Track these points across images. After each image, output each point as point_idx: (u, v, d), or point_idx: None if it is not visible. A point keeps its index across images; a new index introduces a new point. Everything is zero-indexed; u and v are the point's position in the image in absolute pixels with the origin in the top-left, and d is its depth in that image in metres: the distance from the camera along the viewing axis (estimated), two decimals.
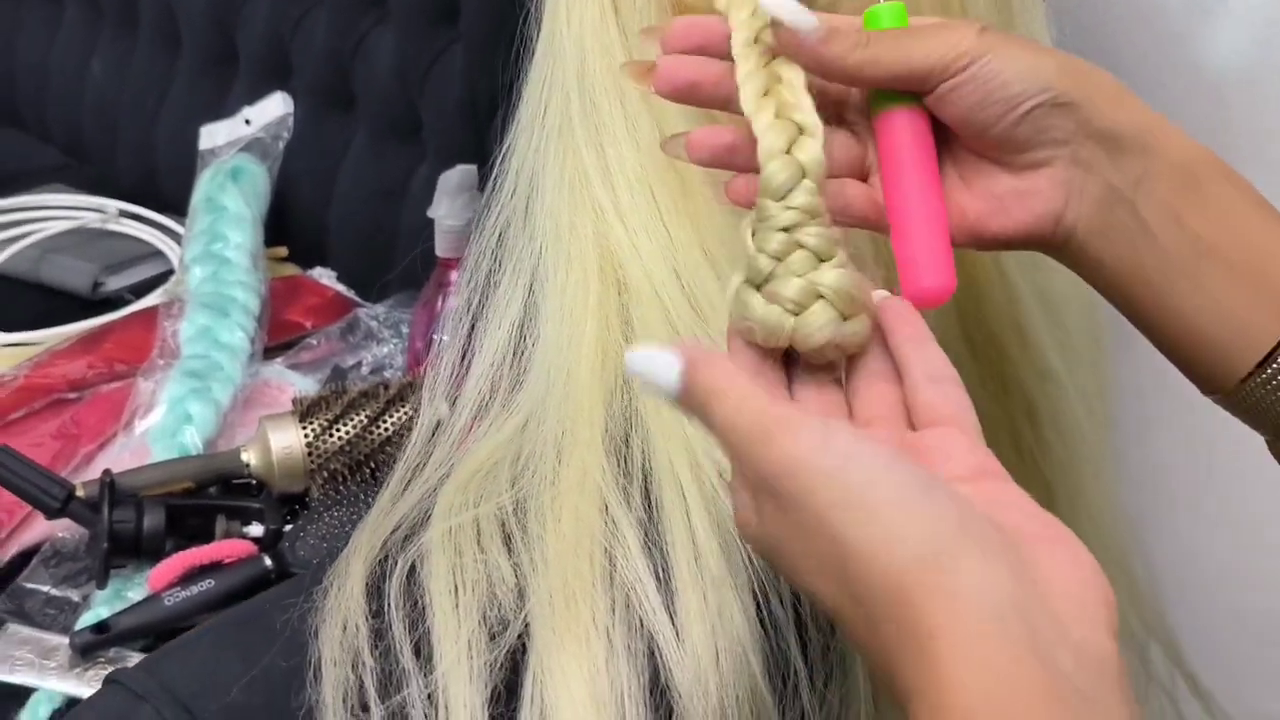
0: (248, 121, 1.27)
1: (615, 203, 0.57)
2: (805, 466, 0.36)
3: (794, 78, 0.46)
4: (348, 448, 0.91)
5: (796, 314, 0.43)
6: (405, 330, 1.07)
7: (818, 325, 0.43)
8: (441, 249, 0.99)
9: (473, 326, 0.60)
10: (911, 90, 0.47)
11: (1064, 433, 0.64)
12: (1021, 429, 0.63)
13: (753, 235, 0.44)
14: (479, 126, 1.07)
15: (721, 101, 0.47)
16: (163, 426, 0.94)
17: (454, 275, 1.00)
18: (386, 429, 0.92)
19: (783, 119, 0.44)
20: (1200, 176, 0.46)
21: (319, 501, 0.90)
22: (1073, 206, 0.47)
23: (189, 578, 0.83)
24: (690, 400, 0.39)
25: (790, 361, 0.45)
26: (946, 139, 0.49)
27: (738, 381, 0.39)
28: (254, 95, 1.27)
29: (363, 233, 1.21)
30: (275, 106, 1.25)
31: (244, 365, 1.01)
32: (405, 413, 0.93)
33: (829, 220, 0.44)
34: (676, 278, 0.56)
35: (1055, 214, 0.47)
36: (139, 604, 0.82)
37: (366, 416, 0.92)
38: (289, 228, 1.23)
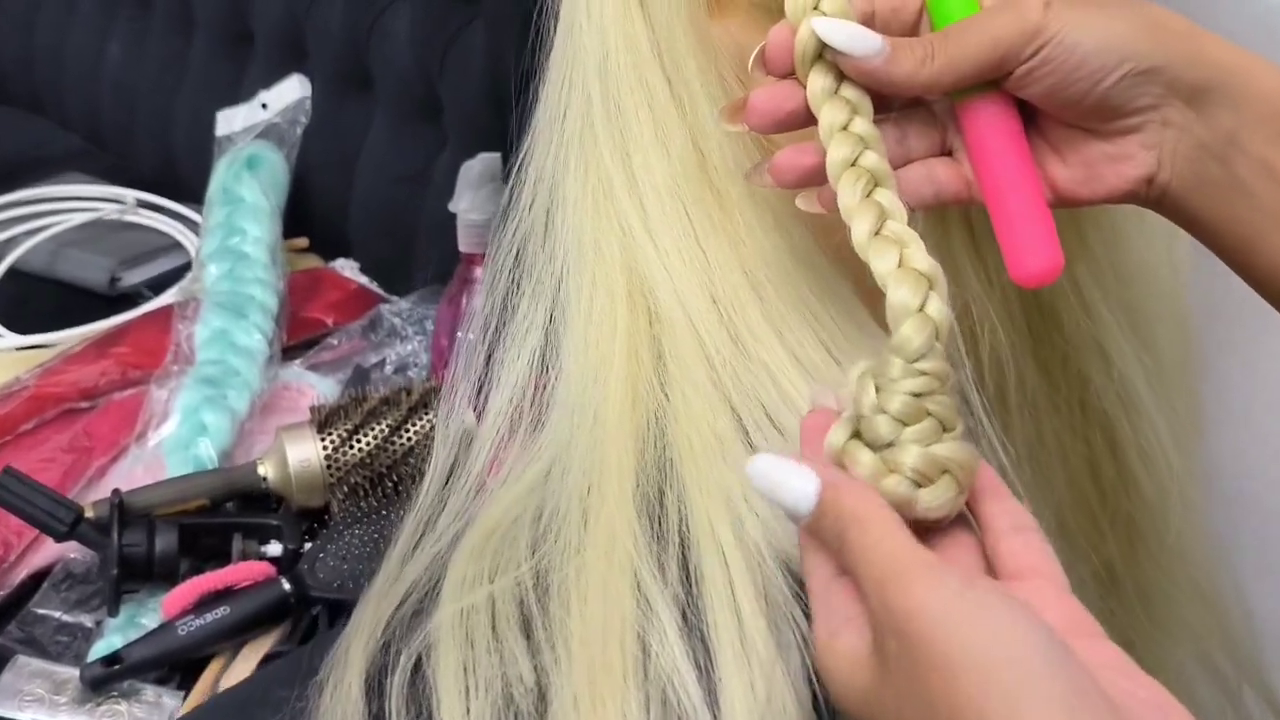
0: (265, 105, 1.22)
1: (644, 219, 0.51)
2: (944, 613, 0.35)
3: (878, 157, 0.45)
4: (368, 460, 0.87)
5: (920, 486, 0.41)
6: (430, 327, 1.02)
7: (940, 502, 0.41)
8: (465, 244, 0.94)
9: (489, 356, 0.54)
10: (990, 80, 0.45)
11: (1151, 465, 0.57)
12: (1102, 462, 0.57)
13: (876, 391, 0.41)
14: (503, 109, 1.01)
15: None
16: (177, 438, 0.90)
17: (478, 271, 0.94)
18: (409, 438, 0.88)
19: (907, 269, 0.43)
20: None
21: (339, 518, 0.86)
22: (1165, 167, 0.45)
23: (204, 604, 0.80)
24: (822, 521, 0.38)
25: None
26: (1032, 111, 0.47)
27: (883, 513, 0.38)
28: (270, 78, 1.22)
29: (385, 221, 1.16)
30: (292, 90, 1.20)
31: (262, 369, 0.96)
32: (429, 420, 0.88)
33: (952, 384, 0.42)
34: (714, 304, 0.50)
35: (1148, 176, 0.46)
36: (151, 634, 0.79)
37: (388, 426, 0.88)
38: (309, 217, 1.19)
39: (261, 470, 0.86)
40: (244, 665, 0.79)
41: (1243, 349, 0.67)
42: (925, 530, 0.42)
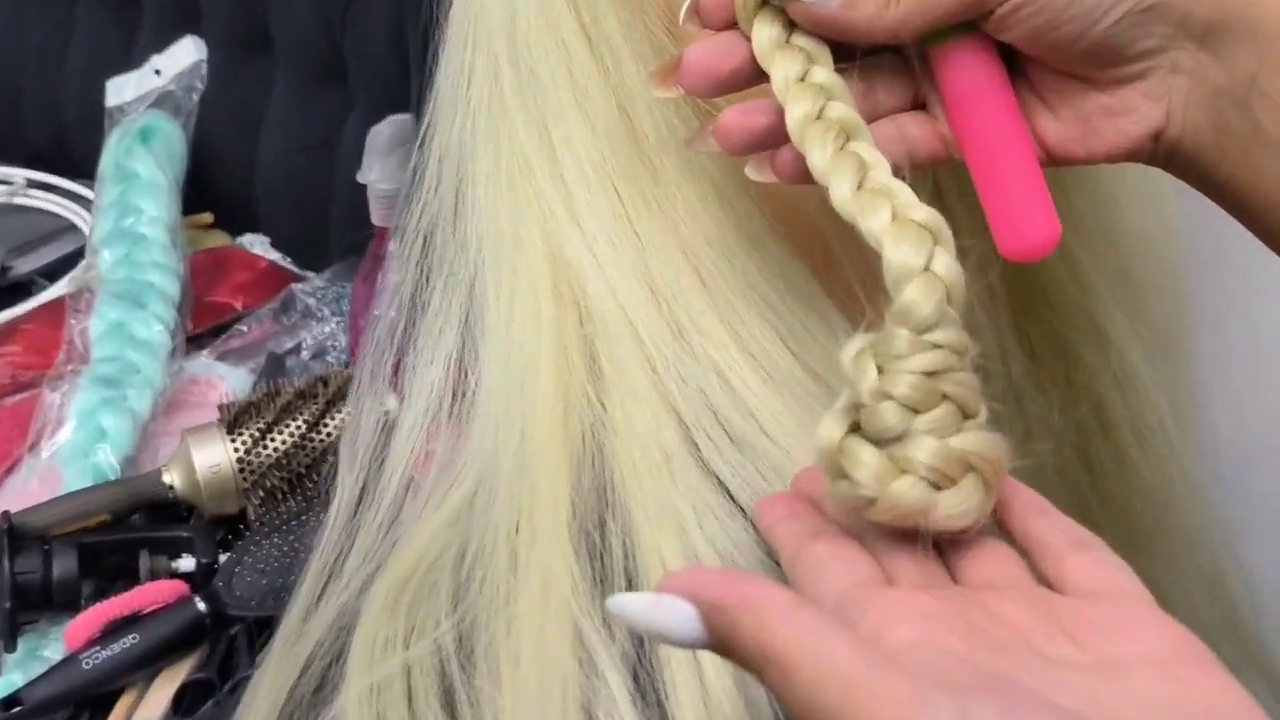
0: (158, 72, 1.13)
1: (567, 199, 0.44)
2: None
3: (869, 145, 0.38)
4: (285, 460, 0.80)
5: (940, 488, 0.33)
6: (348, 306, 0.95)
7: (965, 506, 0.33)
8: (377, 216, 0.87)
9: (399, 362, 0.47)
10: (966, 21, 0.39)
11: (1147, 445, 0.52)
12: (1093, 442, 0.51)
13: (878, 372, 0.34)
14: (411, 67, 0.93)
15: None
16: (73, 446, 0.82)
17: (394, 246, 0.87)
18: (329, 434, 0.81)
19: (904, 221, 0.35)
20: None
21: (256, 526, 0.78)
22: (1175, 120, 0.40)
23: (111, 632, 0.72)
24: (736, 658, 0.30)
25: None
26: (1017, 57, 0.40)
27: (805, 640, 0.28)
28: (162, 42, 1.13)
29: (294, 193, 1.08)
30: (186, 53, 1.11)
31: (164, 364, 0.89)
32: (350, 414, 0.80)
33: (972, 358, 0.35)
34: (652, 296, 0.43)
35: (1154, 131, 0.40)
36: (54, 669, 0.72)
37: (305, 421, 0.81)
38: (211, 191, 1.11)
39: (167, 478, 0.79)
40: (158, 697, 0.72)
41: (1241, 313, 0.62)
42: (950, 543, 0.35)
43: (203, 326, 0.97)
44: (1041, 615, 0.32)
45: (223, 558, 0.77)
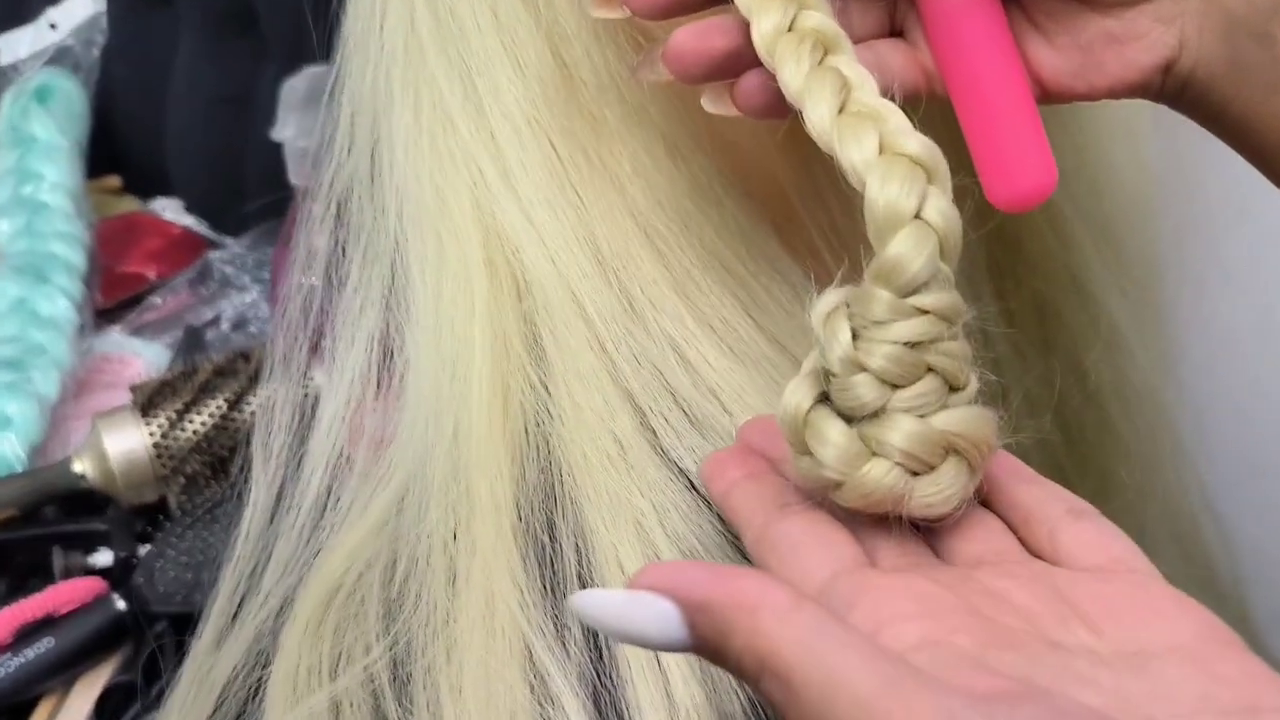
0: (53, 26, 1.05)
1: (498, 158, 0.40)
2: None
3: (850, 60, 0.33)
4: (206, 443, 0.74)
5: (918, 473, 0.30)
6: (269, 273, 0.89)
7: (945, 494, 0.30)
8: (296, 175, 0.81)
9: (316, 344, 0.42)
10: None
11: (1132, 408, 0.48)
12: (1073, 409, 0.48)
13: (853, 338, 0.30)
14: (326, 12, 0.87)
15: None
16: None
17: (313, 206, 0.81)
18: (253, 413, 0.75)
19: (893, 155, 0.30)
20: None
21: (179, 515, 0.73)
22: (1188, 50, 0.36)
23: (23, 637, 0.67)
24: (729, 666, 0.26)
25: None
26: None
27: (812, 647, 0.25)
28: None
29: (206, 152, 1.02)
30: (83, 6, 1.05)
31: (72, 342, 0.83)
32: (262, 405, 0.75)
33: (965, 322, 0.31)
34: (598, 265, 0.39)
35: (1163, 62, 0.36)
36: None
37: (226, 400, 0.75)
38: (117, 152, 1.04)
39: (78, 467, 0.73)
40: (78, 704, 0.67)
41: (1217, 260, 0.58)
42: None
43: (113, 300, 0.91)
44: (1048, 595, 0.29)
45: (143, 550, 0.72)
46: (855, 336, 0.30)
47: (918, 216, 0.30)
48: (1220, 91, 0.36)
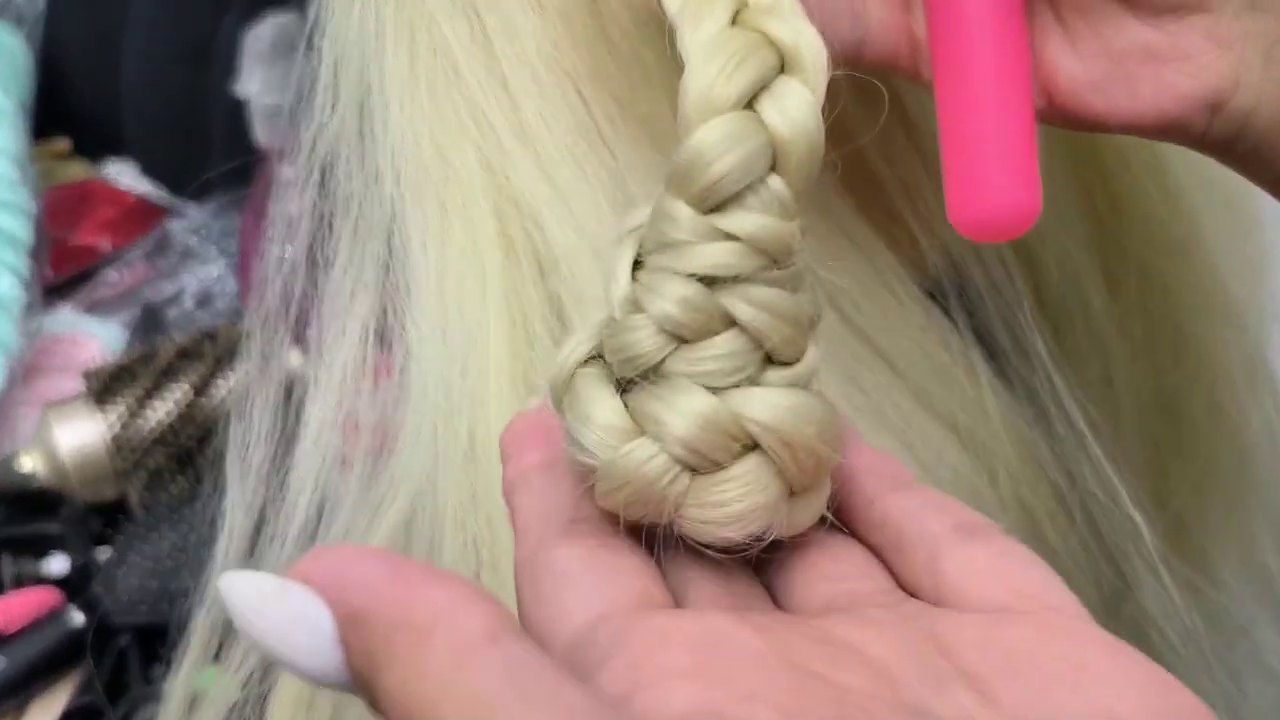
0: None
1: (511, 111, 0.33)
2: None
3: None
4: (170, 434, 0.68)
5: (698, 470, 0.21)
6: (236, 244, 0.82)
7: (737, 508, 0.21)
8: (264, 135, 0.75)
9: (299, 336, 0.35)
10: None
11: (1240, 387, 0.43)
12: (1178, 384, 0.42)
13: (635, 268, 0.22)
14: None
15: None
16: None
17: (287, 169, 0.75)
18: (221, 400, 0.69)
19: (746, 29, 0.22)
20: None
21: (141, 515, 0.67)
22: (1248, 86, 0.28)
23: None
24: (379, 709, 0.17)
25: None
26: None
27: (491, 700, 0.16)
28: None
29: (164, 110, 0.95)
30: None
31: (19, 322, 0.77)
32: (238, 411, 0.69)
33: (801, 275, 0.22)
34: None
35: (1212, 95, 0.28)
36: None
37: (191, 385, 0.69)
38: (66, 112, 0.97)
39: (27, 464, 0.67)
40: None
41: None
42: (770, 547, 0.23)
43: (63, 274, 0.84)
44: (919, 645, 0.20)
45: (101, 555, 0.66)
46: (639, 265, 0.22)
47: (748, 106, 0.22)
48: None
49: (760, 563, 0.24)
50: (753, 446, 0.22)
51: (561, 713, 0.16)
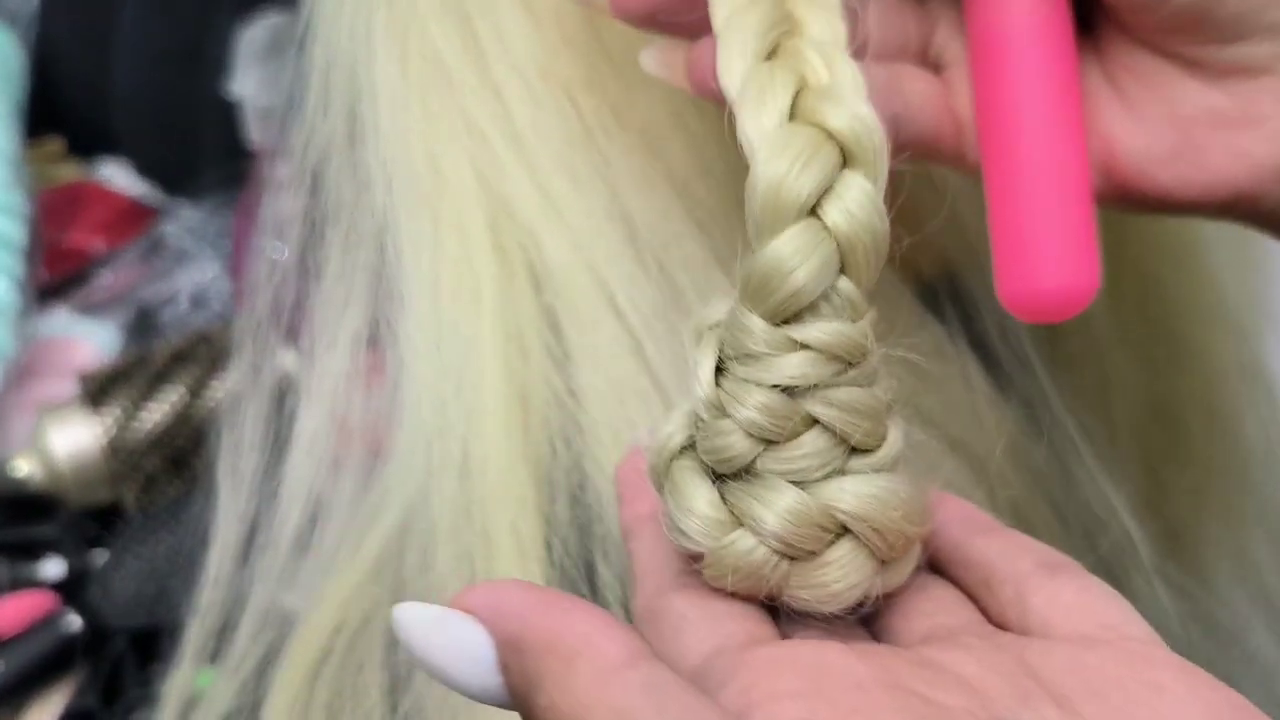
0: None
1: (504, 120, 0.33)
2: None
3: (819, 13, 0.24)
4: (166, 437, 0.68)
5: (795, 558, 0.23)
6: (230, 245, 0.82)
7: (838, 587, 0.24)
8: (258, 135, 0.75)
9: (291, 342, 0.35)
10: None
11: (1237, 391, 0.43)
12: (1176, 388, 0.42)
13: (718, 374, 0.23)
14: None
15: None
16: None
17: (281, 171, 0.75)
18: (216, 403, 0.69)
19: (807, 124, 0.23)
20: None
21: (136, 518, 0.67)
22: None
23: None
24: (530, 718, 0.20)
25: None
26: (1090, 16, 0.27)
27: (643, 705, 0.19)
28: None
29: (156, 109, 0.95)
30: None
31: (13, 324, 0.76)
32: (229, 421, 0.70)
33: (874, 369, 0.24)
34: (631, 244, 0.32)
35: None
36: None
37: (186, 388, 0.69)
38: (58, 112, 0.97)
39: (23, 468, 0.67)
40: None
41: None
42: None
43: (58, 275, 0.84)
44: (1010, 668, 0.22)
45: (98, 558, 0.66)
46: (722, 371, 0.24)
47: (813, 213, 0.23)
48: None
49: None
50: (844, 532, 0.24)
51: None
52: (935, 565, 0.26)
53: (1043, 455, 0.36)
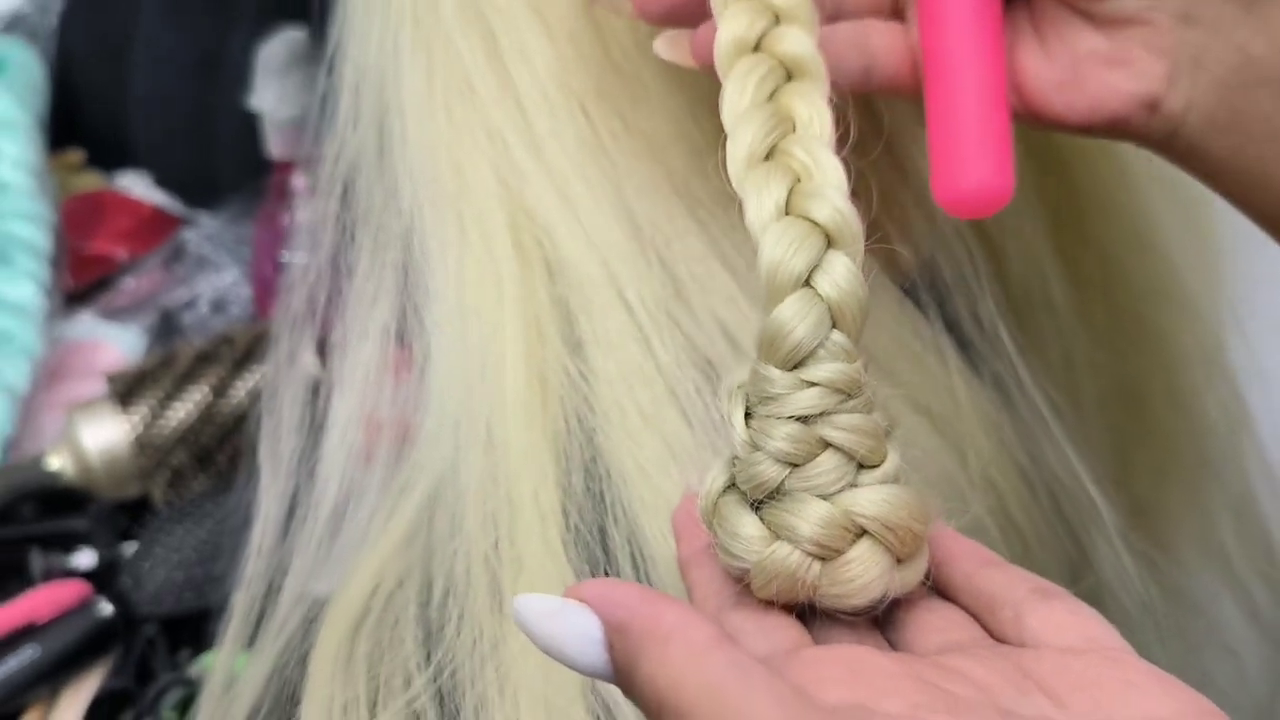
0: None
1: (524, 127, 0.36)
2: None
3: (811, 91, 0.30)
4: (191, 434, 0.71)
5: (825, 559, 0.28)
6: (248, 252, 0.85)
7: (861, 581, 0.28)
8: (277, 148, 0.77)
9: (323, 338, 0.38)
10: None
11: (1196, 372, 0.45)
12: (1138, 372, 0.45)
13: (746, 417, 0.29)
14: None
15: None
16: None
17: (299, 179, 0.77)
18: (239, 401, 0.71)
19: (798, 217, 0.29)
20: None
21: (164, 512, 0.70)
22: (1181, 87, 0.32)
23: (5, 645, 0.64)
24: (635, 695, 0.24)
25: None
26: None
27: (718, 683, 0.23)
28: None
29: (175, 120, 0.97)
30: None
31: (41, 328, 0.79)
32: (263, 376, 0.71)
33: (870, 399, 0.29)
34: (637, 240, 0.35)
35: (1150, 97, 0.32)
36: None
37: (210, 388, 0.71)
38: (79, 125, 0.99)
39: (55, 463, 0.70)
40: (67, 715, 0.64)
41: None
42: (888, 614, 0.30)
43: (83, 282, 0.86)
44: (1009, 670, 0.26)
45: (126, 549, 0.69)
46: (750, 416, 0.29)
47: (807, 284, 0.28)
48: (1216, 145, 0.32)
49: (882, 625, 0.30)
50: (862, 533, 0.28)
51: (772, 693, 0.22)
52: (946, 593, 0.30)
53: (1012, 429, 0.39)
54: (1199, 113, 0.32)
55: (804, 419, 0.28)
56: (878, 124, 0.35)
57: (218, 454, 0.71)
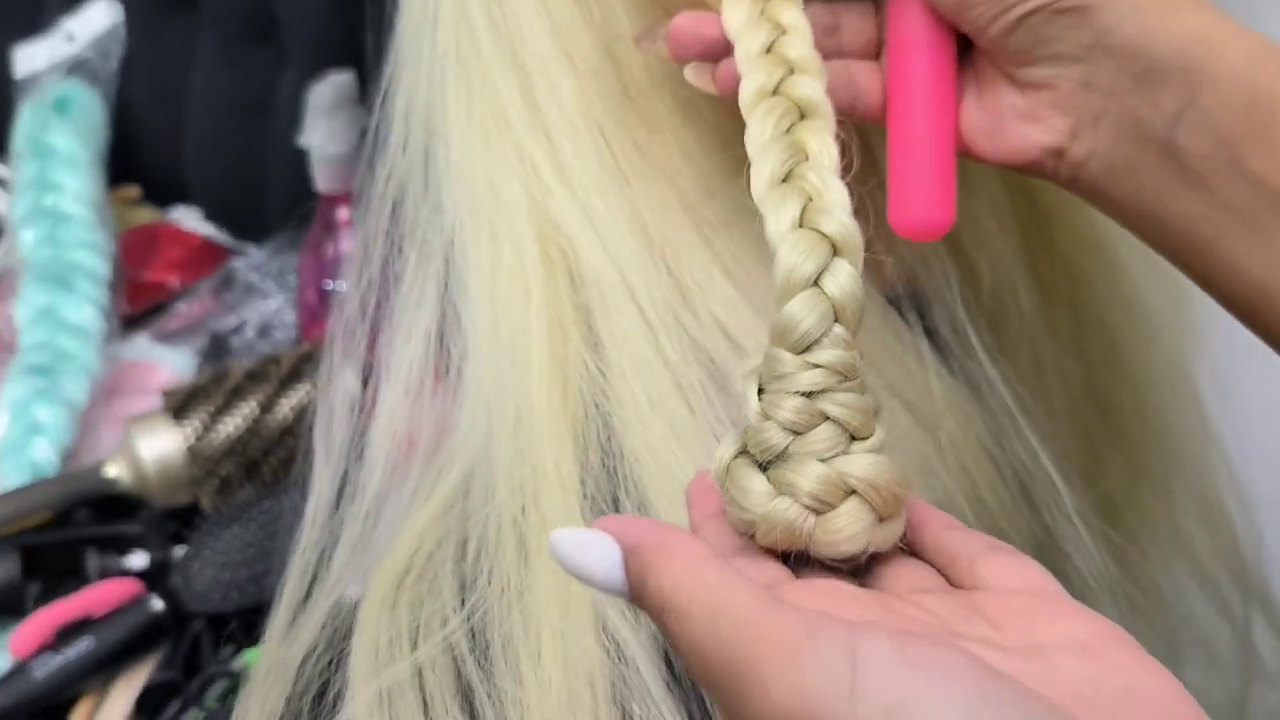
0: (71, 37, 1.06)
1: (551, 152, 0.41)
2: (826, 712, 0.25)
3: (821, 128, 0.36)
4: (239, 446, 0.75)
5: (819, 512, 0.32)
6: (293, 280, 0.90)
7: (849, 531, 0.32)
8: (324, 183, 0.82)
9: (373, 340, 0.43)
10: None
11: (1160, 380, 0.49)
12: (1105, 379, 0.49)
13: (759, 393, 0.33)
14: (349, 18, 0.88)
15: None
16: (7, 442, 0.77)
17: (342, 212, 0.82)
18: (285, 417, 0.76)
19: (809, 230, 0.33)
20: (1269, 106, 0.35)
21: (212, 517, 0.74)
22: (1081, 140, 0.37)
23: (62, 637, 0.68)
24: (644, 603, 0.29)
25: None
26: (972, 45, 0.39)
27: (707, 581, 0.28)
28: (72, 3, 1.06)
29: (225, 160, 1.02)
30: (101, 15, 1.05)
31: (100, 349, 0.84)
32: (307, 394, 0.76)
33: (863, 383, 0.34)
34: (648, 251, 0.40)
35: (1054, 147, 0.38)
36: (3, 680, 0.67)
37: (258, 404, 0.76)
38: (136, 162, 1.04)
39: (112, 471, 0.74)
40: (119, 703, 0.68)
41: None
42: (867, 569, 0.34)
43: (138, 307, 0.91)
44: (960, 604, 0.31)
45: (177, 551, 0.73)
46: (762, 391, 0.34)
47: (815, 285, 0.33)
48: (1115, 189, 0.37)
49: (861, 579, 0.34)
50: (851, 492, 0.33)
51: (751, 592, 0.27)
52: (917, 553, 0.35)
53: (982, 421, 0.43)
54: (1099, 161, 0.37)
55: (808, 394, 0.33)
56: (873, 159, 0.40)
57: (263, 464, 0.76)
